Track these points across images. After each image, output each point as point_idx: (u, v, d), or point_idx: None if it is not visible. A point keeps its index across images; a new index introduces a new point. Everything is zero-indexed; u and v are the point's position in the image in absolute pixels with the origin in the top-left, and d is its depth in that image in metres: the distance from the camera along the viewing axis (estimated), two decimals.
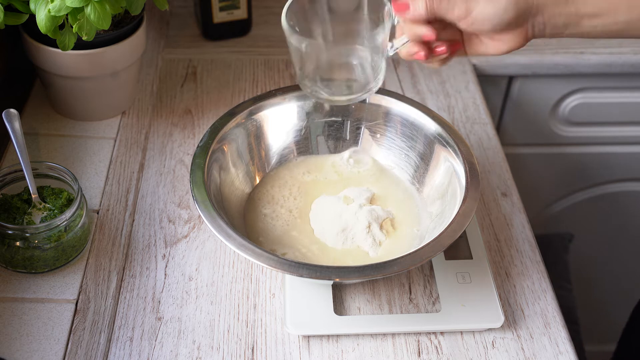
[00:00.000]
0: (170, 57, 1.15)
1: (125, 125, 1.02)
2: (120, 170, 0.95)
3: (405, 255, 0.74)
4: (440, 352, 0.79)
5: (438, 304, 0.82)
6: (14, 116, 0.86)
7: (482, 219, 0.93)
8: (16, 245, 0.79)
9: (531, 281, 0.86)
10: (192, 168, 0.82)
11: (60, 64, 0.94)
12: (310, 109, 0.93)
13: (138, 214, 0.91)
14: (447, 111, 1.09)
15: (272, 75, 1.13)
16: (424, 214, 0.88)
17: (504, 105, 1.29)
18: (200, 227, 0.90)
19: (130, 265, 0.85)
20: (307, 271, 0.72)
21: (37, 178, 0.85)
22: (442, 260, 0.85)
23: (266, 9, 1.27)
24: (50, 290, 0.81)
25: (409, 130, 0.91)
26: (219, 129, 0.86)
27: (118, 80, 0.99)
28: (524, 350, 0.79)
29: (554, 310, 0.83)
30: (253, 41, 1.20)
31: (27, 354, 0.75)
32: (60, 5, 0.82)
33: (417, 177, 0.90)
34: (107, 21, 0.84)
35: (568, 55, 1.21)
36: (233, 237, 0.75)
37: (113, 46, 0.95)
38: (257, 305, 0.82)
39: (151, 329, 0.79)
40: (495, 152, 1.03)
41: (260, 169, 0.91)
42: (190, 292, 0.83)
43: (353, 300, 0.82)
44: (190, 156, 0.98)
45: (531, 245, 0.91)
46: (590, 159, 1.37)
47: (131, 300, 0.82)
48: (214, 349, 0.78)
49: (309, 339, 0.79)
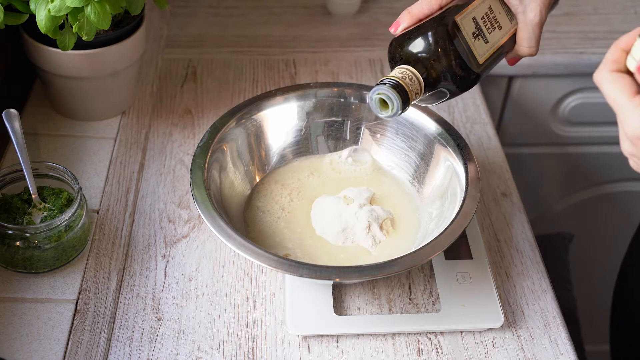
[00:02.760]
0: (170, 57, 1.15)
1: (125, 125, 1.02)
2: (120, 170, 0.95)
3: (405, 255, 0.74)
4: (440, 352, 0.79)
5: (438, 304, 0.82)
6: (14, 116, 0.86)
7: (482, 219, 0.93)
8: (16, 245, 0.79)
9: (531, 281, 0.86)
10: (192, 168, 0.82)
11: (60, 64, 0.94)
12: (310, 109, 0.93)
13: (138, 214, 0.91)
14: (447, 111, 1.09)
15: (272, 75, 1.13)
16: (424, 214, 0.88)
17: (504, 105, 1.29)
18: (200, 227, 0.90)
19: (130, 265, 0.85)
20: (307, 271, 0.72)
21: (37, 178, 0.85)
22: (442, 260, 0.85)
23: (266, 9, 1.27)
24: (50, 290, 0.81)
25: (409, 130, 0.91)
26: (219, 129, 0.86)
27: (118, 80, 0.99)
28: (524, 350, 0.79)
29: (554, 310, 0.83)
30: (253, 41, 1.20)
31: (27, 354, 0.75)
32: (60, 5, 0.82)
33: (417, 177, 0.90)
34: (107, 21, 0.84)
35: (568, 55, 1.21)
36: (233, 237, 0.75)
37: (113, 46, 0.95)
38: (257, 305, 0.82)
39: (151, 329, 0.79)
40: (495, 152, 1.03)
41: (260, 169, 0.91)
42: (190, 292, 0.83)
43: (353, 300, 0.82)
44: (190, 156, 0.98)
45: (531, 245, 0.91)
46: (590, 159, 1.37)
47: (131, 300, 0.82)
48: (214, 349, 0.78)
49: (309, 339, 0.79)
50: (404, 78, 0.73)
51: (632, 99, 0.61)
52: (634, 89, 0.61)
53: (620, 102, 0.61)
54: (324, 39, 1.21)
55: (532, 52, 0.78)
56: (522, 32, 0.77)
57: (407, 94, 0.72)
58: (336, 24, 1.24)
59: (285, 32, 1.22)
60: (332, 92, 0.93)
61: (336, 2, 1.24)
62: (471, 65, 0.74)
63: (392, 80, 0.73)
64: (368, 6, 1.28)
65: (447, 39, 0.73)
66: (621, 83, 0.61)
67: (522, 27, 0.77)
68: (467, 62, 0.74)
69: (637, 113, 0.60)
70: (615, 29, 1.26)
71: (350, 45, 1.20)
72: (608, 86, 0.62)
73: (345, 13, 1.25)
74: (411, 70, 0.73)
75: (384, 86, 0.73)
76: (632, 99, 0.61)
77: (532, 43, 0.78)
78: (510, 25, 0.77)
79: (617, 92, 0.61)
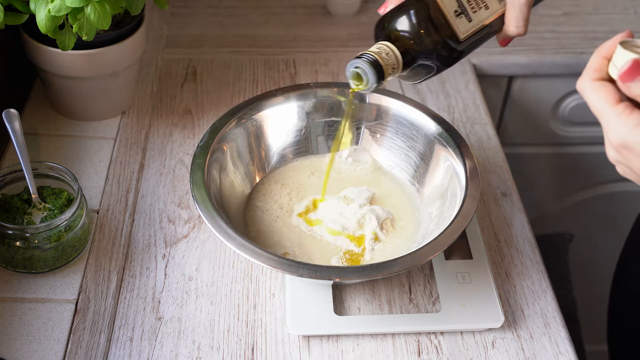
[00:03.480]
0: (170, 57, 1.15)
1: (125, 125, 1.02)
2: (120, 170, 0.95)
3: (405, 255, 0.74)
4: (440, 352, 0.79)
5: (438, 304, 0.82)
6: (14, 116, 0.86)
7: (482, 219, 0.93)
8: (16, 245, 0.79)
9: (531, 281, 0.86)
10: (192, 168, 0.82)
11: (60, 64, 0.94)
12: (310, 109, 0.93)
13: (138, 214, 0.91)
14: (447, 111, 1.09)
15: (272, 75, 1.13)
16: (424, 214, 0.88)
17: (504, 105, 1.29)
18: (200, 227, 0.90)
19: (130, 265, 0.85)
20: (307, 271, 0.72)
21: (37, 178, 0.85)
22: (442, 260, 0.85)
23: (266, 9, 1.27)
24: (50, 290, 0.81)
25: (409, 130, 0.91)
26: (219, 129, 0.86)
27: (118, 80, 0.99)
28: (524, 350, 0.79)
29: (554, 310, 0.83)
30: (253, 41, 1.20)
31: (27, 354, 0.75)
32: (60, 5, 0.82)
33: (417, 177, 0.90)
34: (107, 21, 0.84)
35: (568, 55, 1.21)
36: (233, 237, 0.75)
37: (113, 46, 0.95)
38: (257, 305, 0.82)
39: (151, 329, 0.79)
40: (495, 152, 1.03)
41: (260, 169, 0.91)
42: (190, 292, 0.83)
43: (353, 300, 0.82)
44: (190, 156, 0.98)
45: (531, 245, 0.91)
46: (590, 159, 1.37)
47: (131, 300, 0.82)
48: (214, 349, 0.78)
49: (309, 339, 0.79)
50: (380, 53, 0.75)
51: (615, 106, 0.61)
52: (616, 97, 0.61)
53: (603, 110, 0.62)
54: (324, 39, 1.21)
55: (520, 31, 0.78)
56: (509, 11, 0.78)
57: (382, 69, 0.74)
58: (336, 24, 1.24)
59: (285, 32, 1.22)
60: (332, 92, 0.93)
61: (336, 2, 1.24)
62: (451, 42, 0.76)
63: (369, 55, 0.75)
64: (368, 6, 1.28)
65: (425, 15, 0.75)
66: (604, 91, 0.62)
67: (510, 7, 0.77)
68: (446, 39, 0.75)
69: (620, 121, 0.60)
70: (615, 29, 1.26)
71: (350, 45, 1.20)
72: (591, 94, 0.63)
73: (345, 13, 1.25)
74: (388, 45, 0.75)
75: (359, 60, 0.75)
76: (615, 106, 0.61)
77: (520, 23, 0.78)
78: (498, 6, 0.78)
79: (599, 100, 0.62)
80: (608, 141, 0.63)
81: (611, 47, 0.63)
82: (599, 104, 0.62)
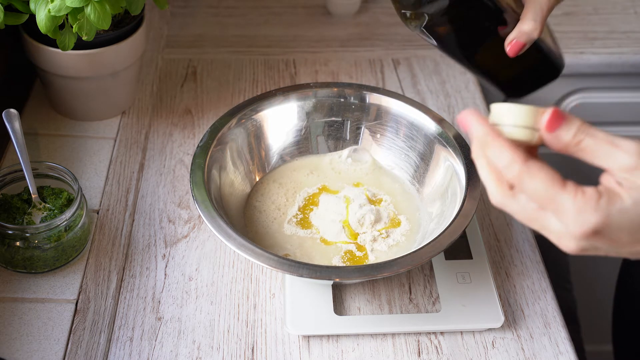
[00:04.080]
0: (170, 57, 1.15)
1: (125, 125, 1.02)
2: (120, 170, 0.95)
3: (405, 255, 0.74)
4: (440, 352, 0.79)
5: (438, 304, 0.82)
6: (14, 116, 0.86)
7: (482, 219, 0.93)
8: (16, 245, 0.79)
9: (531, 281, 0.86)
10: (192, 168, 0.82)
11: (60, 64, 0.94)
12: (310, 109, 0.93)
13: (138, 214, 0.91)
14: (447, 111, 1.09)
15: (272, 75, 1.13)
16: (424, 214, 0.88)
17: None
18: (200, 227, 0.90)
19: (130, 265, 0.85)
20: (307, 271, 0.73)
21: (37, 178, 0.85)
22: (442, 260, 0.85)
23: (266, 9, 1.27)
24: (50, 290, 0.81)
25: (409, 130, 0.91)
26: (219, 129, 0.86)
27: (118, 80, 0.99)
28: (524, 350, 0.79)
29: (554, 310, 0.83)
30: (253, 41, 1.20)
31: (27, 354, 0.75)
32: (60, 5, 0.82)
33: (417, 177, 0.90)
34: (107, 21, 0.84)
35: (568, 55, 1.21)
36: (233, 237, 0.75)
37: (113, 46, 0.95)
38: (257, 305, 0.82)
39: (151, 329, 0.79)
40: None
41: (260, 169, 0.91)
42: (190, 292, 0.83)
43: (353, 300, 0.82)
44: (190, 156, 0.98)
45: (531, 245, 0.91)
46: None
47: (131, 300, 0.82)
48: (214, 349, 0.78)
49: (309, 339, 0.79)
50: None
51: (564, 187, 0.52)
52: (557, 175, 0.52)
53: (552, 194, 0.52)
54: (324, 39, 1.21)
55: (536, 26, 0.76)
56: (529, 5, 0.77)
57: None
58: (336, 24, 1.24)
59: (285, 32, 1.22)
60: (332, 92, 0.93)
61: (336, 2, 1.24)
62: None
63: None
64: (368, 6, 1.28)
65: None
66: (544, 172, 0.52)
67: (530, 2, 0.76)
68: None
69: (577, 203, 0.51)
70: (615, 29, 1.26)
71: (350, 45, 1.20)
72: (528, 183, 0.51)
73: (345, 13, 1.25)
74: None
75: None
76: (565, 187, 0.52)
77: (538, 17, 0.76)
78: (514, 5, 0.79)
79: (543, 184, 0.52)
80: (566, 232, 0.52)
81: (481, 119, 0.57)
82: (543, 189, 0.51)
